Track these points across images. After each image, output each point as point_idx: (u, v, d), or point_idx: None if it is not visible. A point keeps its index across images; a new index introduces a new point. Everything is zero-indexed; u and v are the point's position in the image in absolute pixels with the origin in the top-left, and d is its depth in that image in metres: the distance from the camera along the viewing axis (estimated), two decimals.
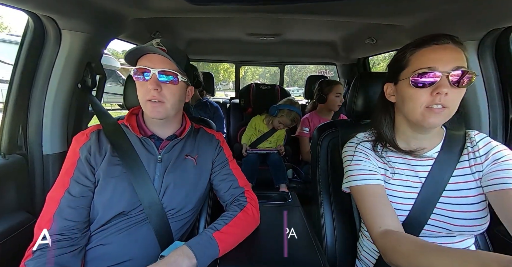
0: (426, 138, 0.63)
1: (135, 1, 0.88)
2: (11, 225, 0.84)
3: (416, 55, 0.57)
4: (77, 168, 0.63)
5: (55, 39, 0.89)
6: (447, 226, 0.59)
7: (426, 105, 0.55)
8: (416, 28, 0.99)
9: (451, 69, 0.52)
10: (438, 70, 0.53)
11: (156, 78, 0.63)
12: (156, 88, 0.63)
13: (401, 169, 0.65)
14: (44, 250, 0.55)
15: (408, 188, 0.63)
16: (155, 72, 0.63)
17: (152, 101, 0.65)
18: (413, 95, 0.56)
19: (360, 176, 0.64)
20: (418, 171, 0.63)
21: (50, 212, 0.60)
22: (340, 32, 1.59)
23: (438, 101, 0.54)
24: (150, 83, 0.63)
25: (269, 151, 1.76)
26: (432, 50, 0.55)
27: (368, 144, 0.68)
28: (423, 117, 0.56)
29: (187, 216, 0.73)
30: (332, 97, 1.68)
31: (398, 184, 0.63)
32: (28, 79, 0.90)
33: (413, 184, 0.63)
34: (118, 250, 0.62)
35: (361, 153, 0.67)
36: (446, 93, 0.52)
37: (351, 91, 0.86)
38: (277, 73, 2.69)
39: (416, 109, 0.57)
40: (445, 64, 0.53)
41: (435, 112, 0.55)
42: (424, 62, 0.55)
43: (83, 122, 1.12)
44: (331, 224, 0.81)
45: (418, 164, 0.64)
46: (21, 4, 0.73)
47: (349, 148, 0.70)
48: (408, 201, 0.62)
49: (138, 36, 1.43)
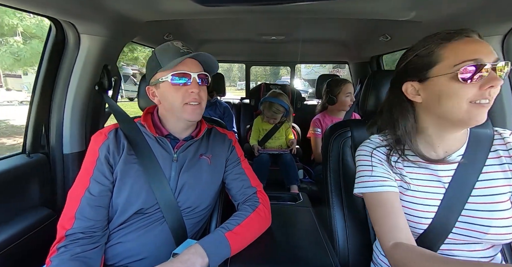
0: (455, 138, 0.58)
1: (149, 5, 0.91)
2: (35, 221, 0.89)
3: (449, 48, 0.52)
4: (96, 167, 0.65)
5: (75, 43, 0.93)
6: (475, 234, 0.55)
7: (471, 101, 0.50)
8: (434, 23, 0.95)
9: (494, 61, 0.49)
10: (484, 62, 0.48)
11: (197, 81, 0.66)
12: (198, 91, 0.66)
13: (422, 174, 0.61)
14: (67, 247, 0.58)
15: (430, 194, 0.59)
16: (195, 76, 0.65)
17: (192, 104, 0.66)
18: (459, 91, 0.50)
19: (372, 182, 0.61)
20: (441, 176, 0.59)
21: (71, 210, 0.62)
22: (353, 30, 1.56)
23: (487, 96, 0.49)
24: (193, 87, 0.65)
25: (281, 151, 1.76)
26: (467, 42, 0.50)
27: (383, 149, 0.64)
28: (469, 114, 0.51)
29: (201, 214, 0.74)
30: (343, 98, 1.64)
31: (419, 190, 0.60)
32: (50, 81, 0.95)
33: (436, 190, 0.59)
34: (136, 248, 0.64)
35: (375, 157, 0.63)
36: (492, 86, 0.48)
37: (364, 90, 0.84)
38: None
39: (461, 106, 0.51)
40: (489, 56, 0.49)
41: (485, 107, 0.50)
42: (466, 54, 0.49)
43: (100, 123, 1.17)
44: (342, 225, 0.79)
45: (440, 168, 0.59)
46: (44, 11, 0.77)
47: (362, 151, 0.67)
48: (430, 208, 0.58)
49: (151, 39, 1.46)
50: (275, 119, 1.81)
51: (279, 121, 1.84)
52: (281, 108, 1.77)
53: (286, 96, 1.85)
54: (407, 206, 0.60)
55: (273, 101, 1.76)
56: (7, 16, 4.36)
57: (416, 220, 0.59)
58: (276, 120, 1.82)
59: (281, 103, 1.76)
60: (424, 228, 0.58)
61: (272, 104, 1.76)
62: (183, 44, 0.68)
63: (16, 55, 4.80)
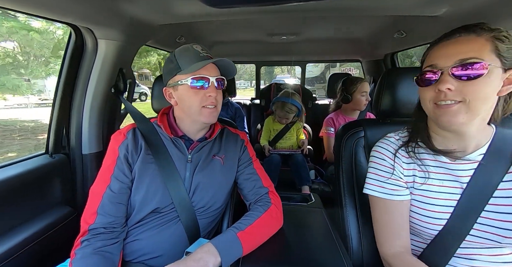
0: (470, 136, 0.56)
1: (162, 9, 0.93)
2: (57, 218, 0.93)
3: (428, 54, 0.57)
4: (116, 165, 0.67)
5: (93, 48, 0.97)
6: (495, 238, 0.53)
7: (434, 102, 0.54)
8: (453, 18, 0.91)
9: (452, 64, 0.51)
10: (438, 66, 0.53)
11: (214, 86, 0.68)
12: (214, 95, 0.68)
13: (437, 173, 0.59)
14: (89, 241, 0.61)
15: (446, 194, 0.57)
16: (213, 80, 0.67)
17: (209, 107, 0.68)
18: (422, 92, 0.57)
19: (380, 188, 0.62)
20: (459, 176, 0.57)
21: (94, 206, 0.64)
22: (366, 27, 1.52)
23: (442, 97, 0.52)
24: (210, 91, 0.67)
25: (292, 151, 1.74)
26: (439, 47, 0.54)
27: (397, 146, 0.64)
28: (434, 115, 0.55)
29: (214, 214, 0.76)
30: (358, 97, 1.60)
31: (433, 190, 0.58)
32: (70, 85, 1.00)
33: (452, 190, 0.57)
34: (152, 246, 0.67)
35: (388, 160, 0.63)
36: (449, 88, 0.51)
37: (377, 88, 0.81)
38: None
39: (427, 107, 0.56)
40: (447, 59, 0.52)
41: (443, 109, 0.53)
42: (430, 60, 0.55)
43: (116, 124, 1.21)
44: (356, 227, 0.78)
45: (459, 168, 0.58)
46: (65, 18, 0.81)
47: (377, 152, 0.66)
48: (445, 209, 0.56)
49: (164, 42, 1.50)
50: (287, 119, 1.80)
51: (290, 121, 1.83)
52: (294, 108, 1.76)
53: (299, 96, 1.84)
54: (419, 206, 0.59)
55: (286, 101, 1.75)
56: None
57: (429, 220, 0.57)
58: (288, 120, 1.81)
59: (294, 103, 1.75)
60: (438, 229, 0.57)
61: (285, 104, 1.75)
62: (202, 47, 0.70)
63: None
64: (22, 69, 5.01)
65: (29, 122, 5.66)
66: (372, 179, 0.65)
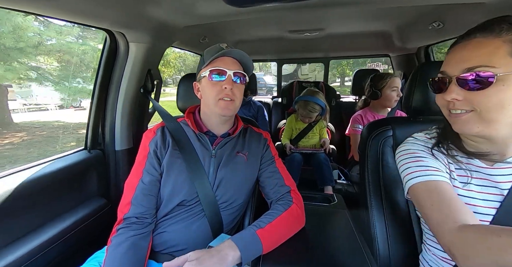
0: (495, 143, 0.51)
1: (185, 11, 0.96)
2: (94, 209, 1.02)
3: (446, 55, 0.54)
4: (148, 160, 0.72)
5: (124, 51, 1.04)
6: None
7: (447, 109, 0.52)
8: (500, 4, 0.81)
9: (459, 73, 0.48)
10: (447, 74, 0.51)
11: (231, 78, 0.70)
12: (232, 88, 0.70)
13: (475, 178, 0.54)
14: (124, 229, 0.66)
15: (484, 202, 0.52)
16: (231, 73, 0.70)
17: (225, 100, 0.71)
18: (436, 99, 0.56)
19: (422, 172, 0.54)
20: (498, 182, 0.52)
21: (128, 197, 0.69)
22: (396, 19, 1.42)
23: (451, 107, 0.51)
24: (226, 83, 0.69)
25: (315, 150, 1.70)
26: (452, 50, 0.51)
27: (430, 144, 0.59)
28: (450, 122, 0.53)
29: (237, 209, 0.78)
30: (388, 92, 1.49)
31: (471, 196, 0.53)
32: (105, 86, 1.08)
33: (491, 197, 0.52)
34: (179, 238, 0.70)
35: (422, 151, 0.58)
36: (455, 99, 0.49)
37: (409, 84, 0.76)
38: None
39: (444, 113, 0.55)
40: (455, 66, 0.49)
41: (455, 118, 0.51)
42: (443, 65, 0.53)
43: (145, 123, 1.29)
44: (383, 231, 0.73)
45: (497, 173, 0.52)
46: (101, 24, 0.88)
47: (405, 146, 0.62)
48: (484, 217, 0.51)
49: (189, 42, 1.55)
50: (311, 118, 1.75)
51: (314, 120, 1.79)
52: (317, 106, 1.70)
53: (322, 94, 1.78)
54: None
55: (309, 100, 1.70)
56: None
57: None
58: (311, 119, 1.76)
59: (317, 102, 1.70)
60: None
61: (308, 103, 1.70)
62: (228, 45, 0.73)
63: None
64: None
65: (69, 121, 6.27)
66: (410, 167, 0.57)
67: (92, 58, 5.55)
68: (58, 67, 5.62)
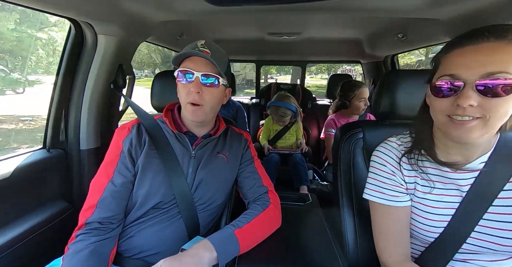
0: (474, 145, 0.53)
1: (162, 5, 0.92)
2: (54, 213, 0.93)
3: (445, 58, 0.50)
4: (120, 160, 0.66)
5: (92, 43, 0.97)
6: (492, 246, 0.52)
7: (447, 114, 0.49)
8: (454, 21, 0.91)
9: (478, 77, 0.44)
10: (460, 78, 0.46)
11: (199, 81, 0.64)
12: (198, 92, 0.64)
13: (439, 182, 0.58)
14: (84, 235, 0.60)
15: (446, 203, 0.56)
16: (198, 75, 0.64)
17: (193, 104, 0.66)
18: (434, 103, 0.51)
19: (380, 194, 0.61)
20: (460, 185, 0.55)
21: (94, 199, 0.63)
22: (366, 28, 1.52)
23: (460, 113, 0.46)
24: (192, 86, 0.63)
25: (292, 151, 1.75)
26: (461, 52, 0.47)
27: (399, 152, 0.62)
28: (445, 128, 0.50)
29: (215, 211, 0.76)
30: (356, 103, 1.58)
31: (434, 199, 0.57)
32: (69, 81, 0.99)
33: (452, 198, 0.56)
34: (152, 243, 0.66)
35: (389, 166, 0.61)
36: (471, 105, 0.45)
37: (377, 90, 0.82)
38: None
39: (439, 119, 0.51)
40: (471, 70, 0.45)
41: (456, 124, 0.47)
42: (449, 68, 0.48)
43: (115, 120, 1.20)
44: (353, 229, 0.78)
45: (460, 177, 0.56)
46: (66, 12, 0.81)
47: (377, 156, 0.64)
48: (443, 218, 0.56)
49: (165, 39, 1.49)
50: (284, 122, 1.81)
51: (289, 122, 1.83)
52: (288, 111, 1.76)
53: (293, 98, 1.83)
54: (418, 213, 0.58)
55: (279, 105, 1.76)
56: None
57: (427, 228, 0.57)
58: (285, 122, 1.81)
59: (288, 107, 1.75)
60: (435, 237, 0.56)
61: (279, 108, 1.76)
62: (207, 43, 0.66)
63: None
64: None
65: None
66: (372, 184, 0.64)
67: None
68: None
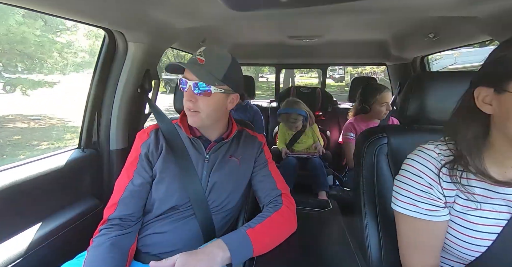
0: None
1: (187, 12, 0.97)
2: (86, 208, 1.00)
3: None
4: (139, 162, 0.71)
5: (123, 51, 1.04)
6: None
7: None
8: (490, 18, 0.84)
9: None
10: None
11: (191, 90, 0.66)
12: (191, 100, 0.66)
13: (485, 196, 0.51)
14: (107, 230, 0.65)
15: (490, 220, 0.50)
16: (191, 84, 0.65)
17: (189, 111, 0.69)
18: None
19: (413, 206, 0.53)
20: (510, 200, 0.49)
21: (116, 197, 0.69)
22: (393, 29, 1.45)
23: None
24: (186, 95, 0.68)
25: (310, 155, 1.71)
26: None
27: (439, 163, 0.53)
28: None
29: (229, 213, 0.77)
30: (377, 108, 1.51)
31: (477, 214, 0.50)
32: (102, 85, 1.07)
33: (499, 215, 0.49)
34: (169, 240, 0.69)
35: (426, 178, 0.53)
36: None
37: (404, 93, 0.77)
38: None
39: None
40: None
41: None
42: None
43: (141, 123, 1.27)
44: (376, 238, 0.74)
45: (510, 192, 0.49)
46: (100, 22, 0.88)
47: (412, 166, 0.56)
48: (487, 236, 0.49)
49: (188, 44, 1.56)
50: (296, 127, 1.79)
51: (302, 126, 1.81)
52: (299, 117, 1.74)
53: (302, 102, 1.81)
54: (458, 229, 0.52)
55: (288, 112, 1.74)
56: None
57: (467, 246, 0.51)
58: (298, 128, 1.79)
59: (298, 112, 1.73)
60: (475, 256, 0.50)
61: (289, 115, 1.75)
62: (206, 50, 0.67)
63: None
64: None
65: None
66: (404, 195, 0.56)
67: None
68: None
